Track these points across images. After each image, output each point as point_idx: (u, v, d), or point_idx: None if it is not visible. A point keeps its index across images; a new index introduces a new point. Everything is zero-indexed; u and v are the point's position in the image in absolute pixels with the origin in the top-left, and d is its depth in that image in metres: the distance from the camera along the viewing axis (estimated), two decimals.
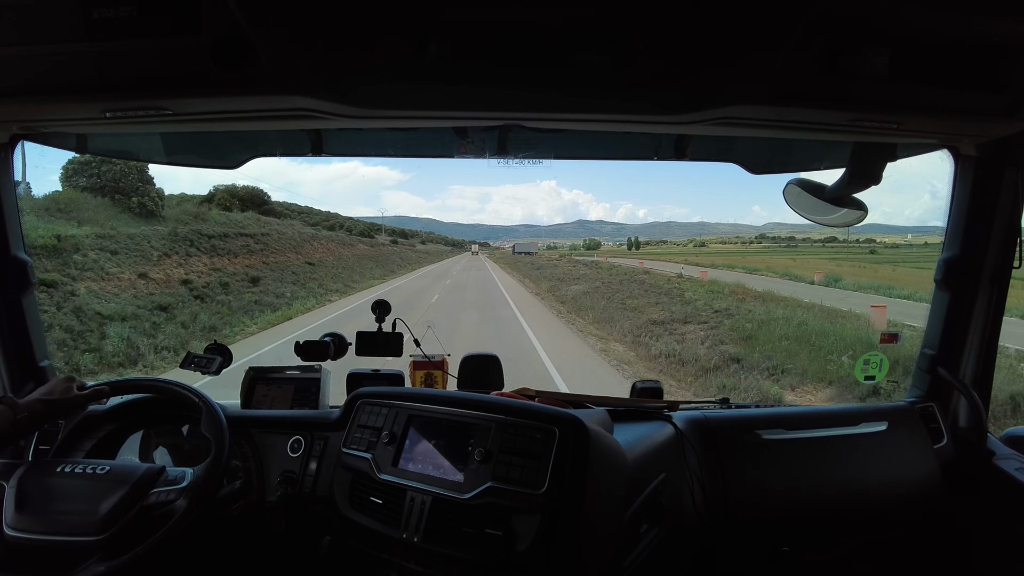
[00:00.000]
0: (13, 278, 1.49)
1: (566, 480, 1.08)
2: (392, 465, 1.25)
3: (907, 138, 1.42)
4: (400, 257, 43.81)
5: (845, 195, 1.51)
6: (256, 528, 1.39)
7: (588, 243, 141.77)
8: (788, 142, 1.65)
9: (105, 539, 1.05)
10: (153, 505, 1.13)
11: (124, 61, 1.06)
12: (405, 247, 54.60)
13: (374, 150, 1.71)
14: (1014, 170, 1.46)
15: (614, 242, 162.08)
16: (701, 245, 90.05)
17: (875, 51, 1.07)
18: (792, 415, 1.64)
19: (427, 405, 1.30)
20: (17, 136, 1.43)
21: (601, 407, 1.49)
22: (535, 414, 1.18)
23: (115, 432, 1.36)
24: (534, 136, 1.51)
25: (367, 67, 1.09)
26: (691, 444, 1.50)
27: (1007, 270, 1.53)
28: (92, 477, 1.12)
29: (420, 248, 68.63)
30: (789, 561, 1.59)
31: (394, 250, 44.69)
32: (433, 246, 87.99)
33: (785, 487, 1.54)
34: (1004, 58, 1.12)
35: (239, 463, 1.41)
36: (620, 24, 1.06)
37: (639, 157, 1.69)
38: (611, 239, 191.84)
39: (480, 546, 1.09)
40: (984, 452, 1.60)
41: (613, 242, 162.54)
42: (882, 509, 1.58)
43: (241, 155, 1.67)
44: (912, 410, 1.67)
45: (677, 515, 1.40)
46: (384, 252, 40.51)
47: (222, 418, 1.26)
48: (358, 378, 1.72)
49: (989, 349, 1.61)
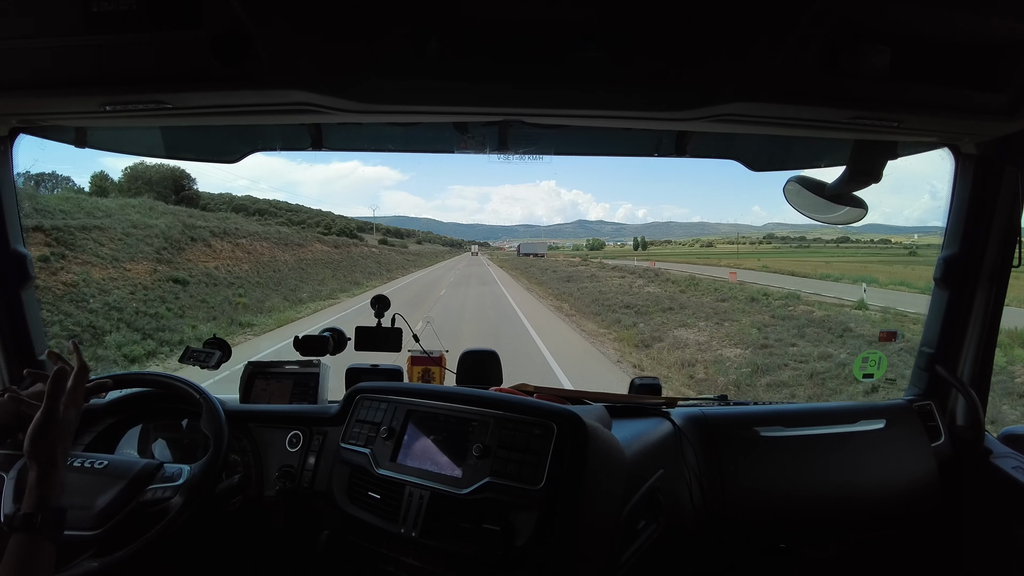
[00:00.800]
0: (12, 271, 1.49)
1: (564, 476, 1.08)
2: (391, 460, 1.25)
3: (907, 136, 1.42)
4: (378, 262, 32.07)
5: (845, 193, 1.51)
6: (254, 522, 1.40)
7: (592, 243, 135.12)
8: (788, 139, 1.64)
9: (100, 534, 1.05)
10: (149, 502, 1.13)
11: (124, 55, 1.06)
12: (395, 248, 46.51)
13: (374, 145, 1.70)
14: (1014, 169, 1.46)
15: (614, 242, 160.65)
16: (708, 245, 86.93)
17: (876, 49, 1.07)
18: (790, 412, 1.65)
19: (426, 400, 1.30)
20: (16, 129, 1.43)
21: (599, 403, 1.49)
22: (533, 410, 1.19)
23: (114, 425, 1.37)
24: (534, 132, 1.50)
25: (367, 62, 1.09)
26: (689, 441, 1.51)
27: (1006, 269, 1.54)
28: (90, 471, 1.12)
29: (414, 249, 60.68)
30: (786, 558, 1.60)
31: (372, 252, 34.19)
32: (430, 247, 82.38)
33: (783, 484, 1.54)
34: (1004, 57, 1.12)
35: (238, 457, 1.41)
36: (620, 21, 1.06)
37: (640, 153, 1.69)
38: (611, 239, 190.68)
39: (478, 541, 1.09)
40: (981, 451, 1.60)
41: (613, 242, 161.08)
42: (880, 507, 1.58)
43: (241, 149, 1.66)
44: (910, 408, 1.67)
45: (675, 512, 1.41)
46: (354, 256, 28.59)
47: (221, 415, 1.26)
48: (357, 373, 1.73)
49: (987, 348, 1.61)
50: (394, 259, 37.96)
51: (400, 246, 53.46)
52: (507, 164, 1.60)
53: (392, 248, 45.42)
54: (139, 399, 1.39)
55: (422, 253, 59.32)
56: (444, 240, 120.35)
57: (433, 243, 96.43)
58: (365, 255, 31.32)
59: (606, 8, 1.05)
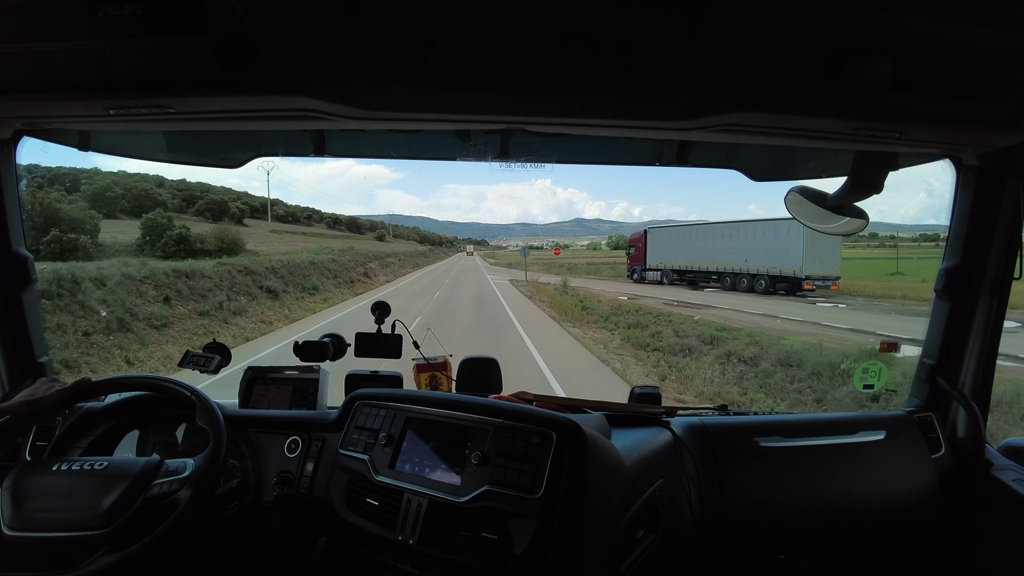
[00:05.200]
0: (13, 274, 1.49)
1: (563, 485, 1.08)
2: (389, 467, 1.25)
3: (909, 147, 1.42)
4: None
5: (846, 203, 1.51)
6: (252, 528, 1.39)
7: (615, 241, 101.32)
8: (790, 150, 1.65)
9: (110, 532, 1.05)
10: (156, 496, 1.13)
11: (128, 59, 1.06)
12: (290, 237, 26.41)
13: (376, 151, 1.71)
14: (1015, 180, 1.46)
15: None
16: None
17: (878, 60, 1.07)
18: (790, 423, 1.64)
19: (425, 407, 1.30)
20: (20, 132, 1.43)
21: (599, 412, 1.49)
22: (533, 418, 1.18)
23: (111, 431, 1.36)
24: (536, 140, 1.51)
25: (371, 69, 1.10)
26: (689, 450, 1.50)
27: (1007, 280, 1.53)
28: (90, 473, 1.12)
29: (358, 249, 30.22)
30: (786, 569, 1.59)
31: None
32: (404, 245, 54.04)
33: (782, 495, 1.53)
34: (1006, 68, 1.13)
35: (236, 462, 1.40)
36: (623, 31, 1.07)
37: (641, 162, 1.70)
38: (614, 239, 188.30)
39: (476, 549, 1.09)
40: (982, 463, 1.59)
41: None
42: (880, 518, 1.57)
43: (243, 155, 1.67)
44: (911, 419, 1.67)
45: (674, 522, 1.40)
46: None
47: (217, 410, 1.26)
48: (357, 379, 1.72)
49: (988, 360, 1.60)
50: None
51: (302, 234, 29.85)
52: (508, 168, 1.61)
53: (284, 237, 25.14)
54: (135, 403, 1.38)
55: (341, 266, 25.33)
56: (432, 237, 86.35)
57: (409, 240, 68.38)
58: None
59: (609, 18, 1.05)
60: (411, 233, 77.49)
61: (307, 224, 37.86)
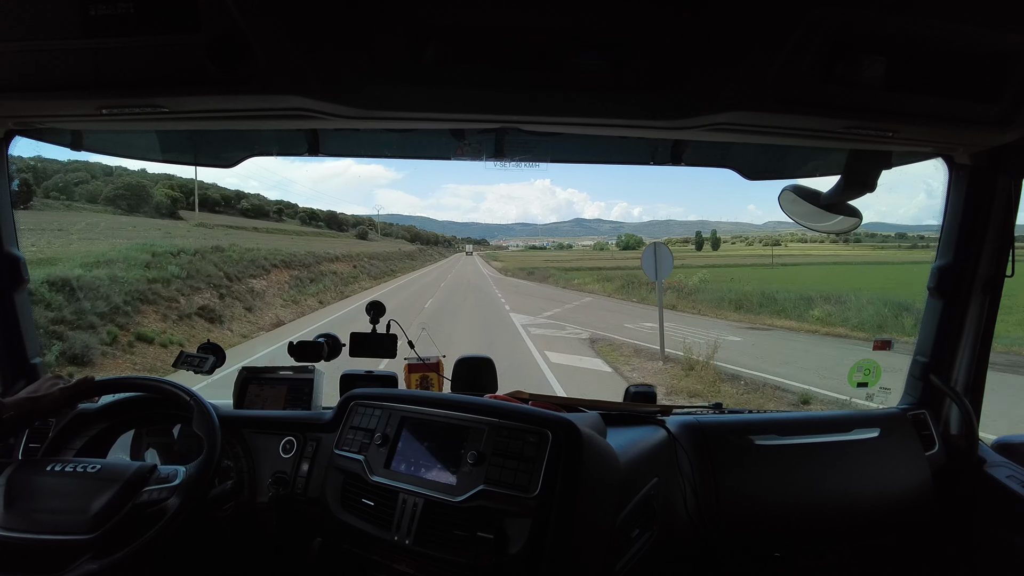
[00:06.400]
0: (5, 274, 1.48)
1: (559, 484, 1.08)
2: (384, 467, 1.25)
3: (902, 146, 1.43)
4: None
5: (840, 202, 1.52)
6: (247, 529, 1.38)
7: (625, 241, 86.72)
8: (783, 148, 1.65)
9: (96, 537, 1.04)
10: (145, 503, 1.12)
11: (121, 58, 1.06)
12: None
13: (371, 151, 1.71)
14: (1007, 179, 1.47)
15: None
16: (775, 244, 60.02)
17: (870, 59, 1.08)
18: (784, 421, 1.65)
19: (420, 407, 1.30)
20: (12, 132, 1.42)
21: (595, 411, 1.49)
22: (528, 417, 1.18)
23: (106, 431, 1.35)
24: (531, 139, 1.51)
25: (365, 68, 1.09)
26: (684, 449, 1.50)
27: (1000, 278, 1.54)
28: (82, 476, 1.11)
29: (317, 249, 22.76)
30: (781, 567, 1.59)
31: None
32: (390, 245, 44.27)
33: (777, 493, 1.54)
34: (998, 68, 1.13)
35: (230, 463, 1.40)
36: (617, 29, 1.07)
37: (635, 161, 1.70)
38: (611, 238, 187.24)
39: (472, 549, 1.09)
40: (975, 459, 1.61)
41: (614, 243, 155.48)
42: (874, 515, 1.58)
43: (237, 154, 1.66)
44: (904, 417, 1.68)
45: (669, 520, 1.40)
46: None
47: (214, 416, 1.25)
48: (352, 379, 1.72)
49: (981, 357, 1.61)
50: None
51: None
52: (503, 167, 1.60)
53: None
54: (131, 404, 1.37)
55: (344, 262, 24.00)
56: (426, 236, 71.11)
57: (398, 239, 55.52)
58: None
59: (603, 16, 1.05)
60: (403, 231, 64.40)
61: (277, 219, 31.17)
